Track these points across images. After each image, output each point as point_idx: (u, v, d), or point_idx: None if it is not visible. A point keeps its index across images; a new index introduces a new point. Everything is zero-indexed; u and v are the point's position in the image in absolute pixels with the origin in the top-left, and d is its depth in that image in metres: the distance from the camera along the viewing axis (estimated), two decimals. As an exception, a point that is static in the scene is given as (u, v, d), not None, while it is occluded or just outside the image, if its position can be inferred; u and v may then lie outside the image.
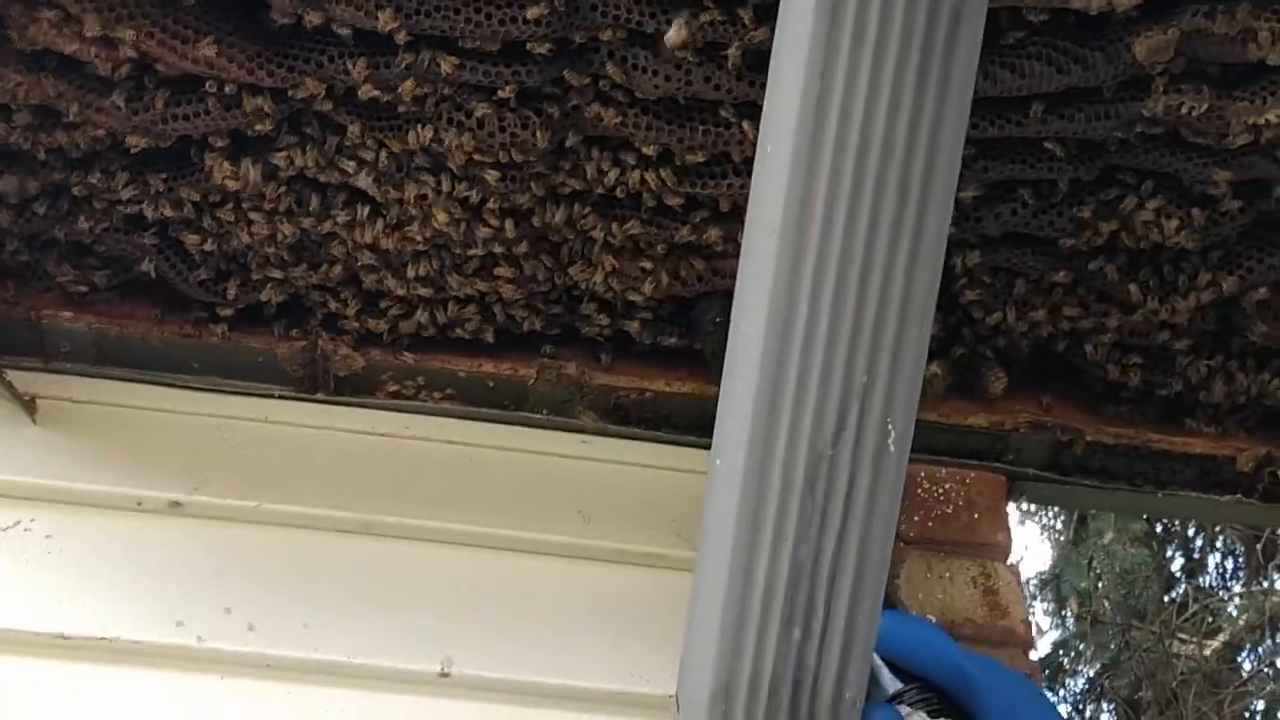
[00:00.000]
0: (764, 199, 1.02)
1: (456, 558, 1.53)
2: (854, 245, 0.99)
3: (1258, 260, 1.52)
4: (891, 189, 0.99)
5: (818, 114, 0.97)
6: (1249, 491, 1.73)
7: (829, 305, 1.00)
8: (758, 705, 1.08)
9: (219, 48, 1.34)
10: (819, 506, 1.05)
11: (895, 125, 0.98)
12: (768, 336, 1.02)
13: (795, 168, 0.99)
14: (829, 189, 0.99)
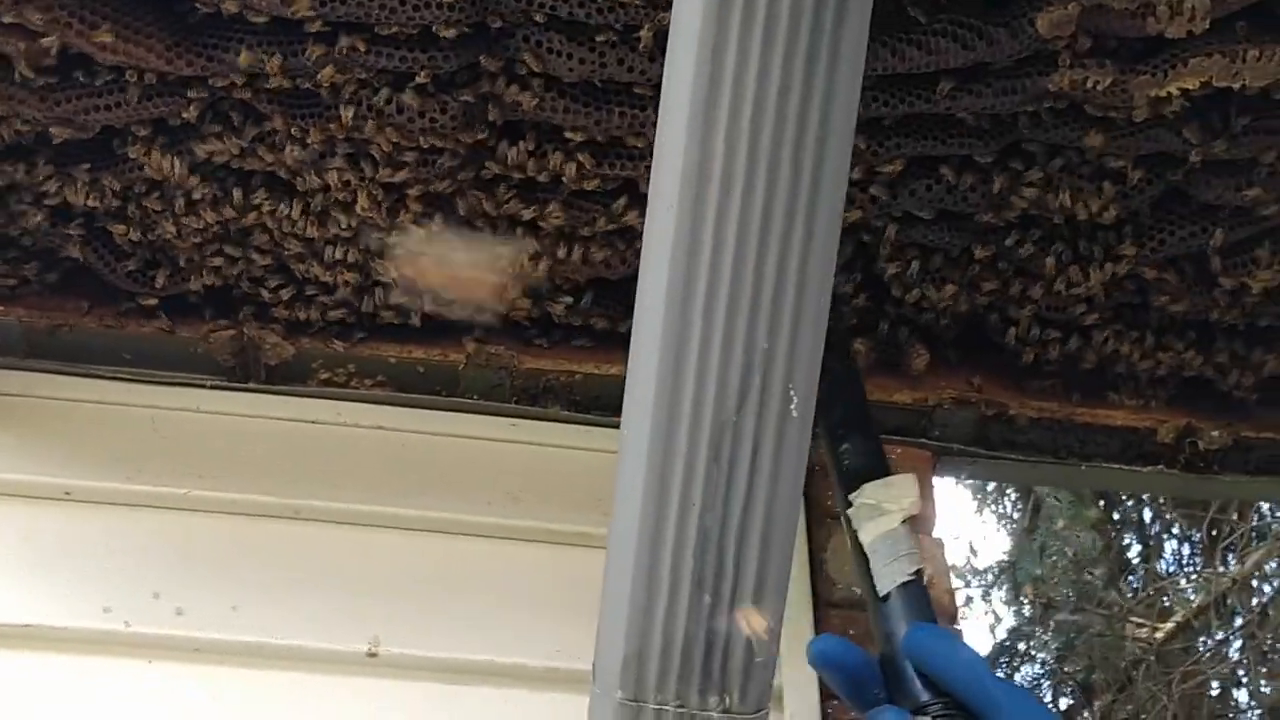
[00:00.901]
0: (663, 174, 1.04)
1: (386, 540, 1.54)
2: (751, 217, 1.02)
3: (1169, 233, 1.55)
4: (786, 162, 1.01)
5: (711, 90, 1.00)
6: (1171, 462, 1.76)
7: (728, 276, 1.03)
8: (670, 669, 1.10)
9: (119, 33, 1.35)
10: (724, 473, 1.07)
11: (787, 100, 1.00)
12: (669, 308, 1.04)
13: (691, 143, 1.01)
14: (725, 163, 1.01)
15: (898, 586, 1.21)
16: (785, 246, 1.03)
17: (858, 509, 1.29)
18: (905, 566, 1.22)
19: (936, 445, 1.73)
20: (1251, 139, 1.44)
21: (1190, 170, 1.50)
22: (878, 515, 1.28)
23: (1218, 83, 1.36)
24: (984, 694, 1.09)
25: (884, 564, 1.23)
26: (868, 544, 1.26)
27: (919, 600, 1.20)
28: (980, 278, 1.60)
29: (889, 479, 1.30)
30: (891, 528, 1.25)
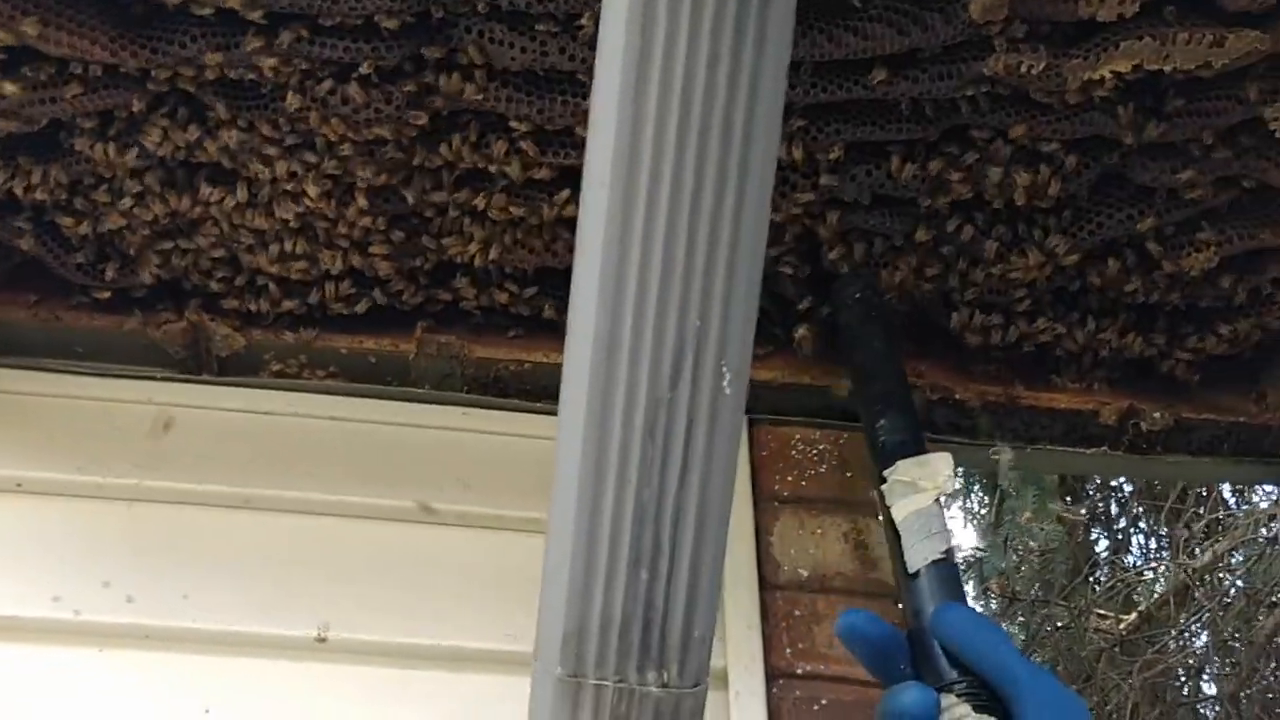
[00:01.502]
0: (595, 155, 1.06)
1: (336, 528, 1.55)
2: (681, 196, 1.04)
3: (1107, 216, 1.58)
4: (715, 141, 1.03)
5: (640, 70, 1.01)
6: (1114, 444, 1.78)
7: (660, 255, 1.05)
8: (609, 645, 1.12)
9: (54, 23, 1.36)
10: (659, 450, 1.09)
11: (715, 79, 1.02)
12: (602, 288, 1.06)
13: (621, 124, 1.03)
14: (655, 143, 1.03)
15: (928, 564, 1.24)
16: (716, 226, 1.05)
17: (891, 485, 1.32)
18: (936, 545, 1.25)
19: (883, 429, 1.74)
20: (1184, 121, 1.46)
21: (1126, 153, 1.52)
22: (911, 492, 1.30)
23: (1148, 66, 1.39)
24: (1007, 673, 1.12)
25: (915, 541, 1.26)
26: (900, 520, 1.29)
27: (948, 578, 1.24)
28: (922, 263, 1.62)
29: (923, 457, 1.33)
30: (924, 505, 1.28)
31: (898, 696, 1.12)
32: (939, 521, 1.28)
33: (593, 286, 1.06)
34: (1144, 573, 5.72)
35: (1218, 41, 1.37)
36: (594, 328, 1.07)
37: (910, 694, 1.12)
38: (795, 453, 1.71)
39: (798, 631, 1.53)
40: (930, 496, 1.29)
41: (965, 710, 1.13)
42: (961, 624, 1.17)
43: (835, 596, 1.57)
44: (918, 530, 1.27)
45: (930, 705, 1.12)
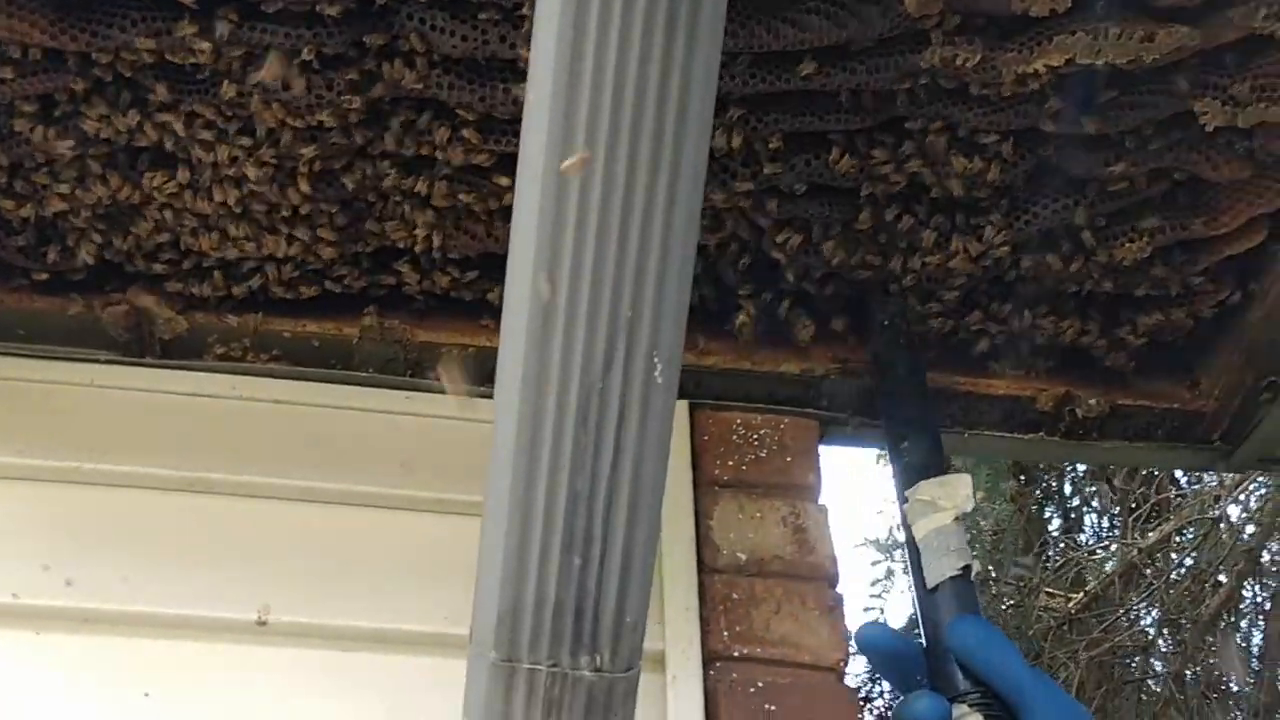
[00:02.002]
0: (529, 145, 1.07)
1: (278, 511, 1.56)
2: (614, 188, 1.05)
3: (1042, 206, 1.60)
4: (647, 135, 1.05)
5: (573, 61, 1.03)
6: (1051, 430, 1.81)
7: (592, 246, 1.06)
8: (542, 630, 1.14)
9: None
10: (592, 437, 1.11)
11: (647, 73, 1.03)
12: (535, 276, 1.07)
13: (554, 115, 1.04)
14: (587, 133, 1.04)
15: (946, 579, 1.32)
16: (648, 218, 1.06)
17: (913, 505, 1.40)
18: (954, 561, 1.33)
19: (824, 415, 1.76)
20: (1116, 115, 1.49)
21: (1061, 145, 1.55)
22: (931, 511, 1.38)
23: (1081, 60, 1.41)
24: (1015, 684, 1.18)
25: (934, 558, 1.34)
26: (920, 538, 1.37)
27: (964, 593, 1.31)
28: (862, 251, 1.64)
29: (944, 478, 1.41)
30: (944, 524, 1.36)
31: (911, 705, 1.19)
32: (958, 539, 1.36)
33: (525, 274, 1.08)
34: (1094, 552, 5.79)
35: (1148, 37, 1.40)
36: (527, 315, 1.08)
37: (923, 702, 1.19)
38: (737, 438, 1.73)
39: (735, 615, 1.55)
40: (950, 515, 1.36)
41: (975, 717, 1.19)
42: (974, 636, 1.23)
43: (773, 580, 1.59)
44: (937, 547, 1.34)
45: (942, 713, 1.19)
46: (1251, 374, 1.75)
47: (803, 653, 1.53)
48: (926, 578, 1.33)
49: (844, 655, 1.54)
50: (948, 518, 1.36)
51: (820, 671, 1.52)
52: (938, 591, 1.31)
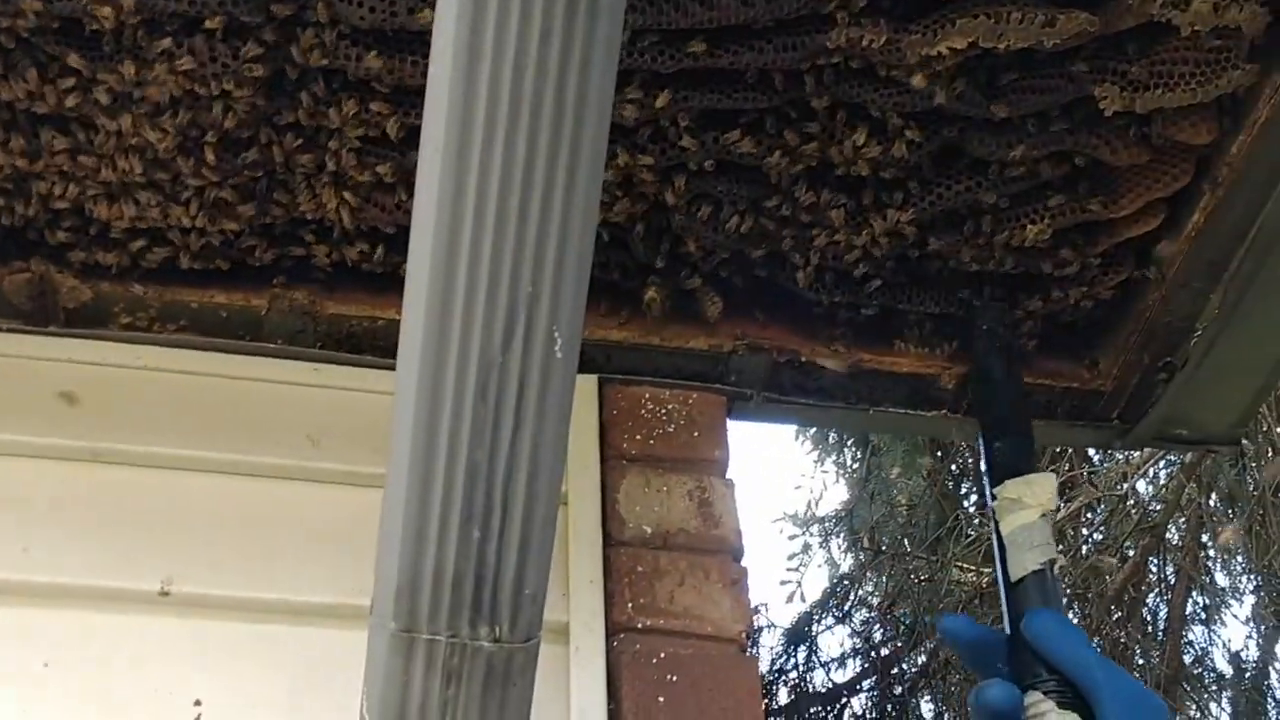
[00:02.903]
0: (432, 118, 1.07)
1: (185, 483, 1.56)
2: (514, 164, 1.06)
3: (946, 187, 1.63)
4: (547, 111, 1.05)
5: (474, 35, 1.03)
6: (954, 408, 1.84)
7: (492, 221, 1.07)
8: (441, 601, 1.15)
9: None
10: (492, 411, 1.11)
11: (548, 50, 1.04)
12: (435, 251, 1.08)
13: (455, 91, 1.04)
14: (487, 110, 1.04)
15: (1030, 573, 1.40)
16: (548, 194, 1.07)
17: (1001, 502, 1.48)
18: (1038, 556, 1.41)
19: (731, 390, 1.79)
20: (1017, 98, 1.51)
21: (964, 127, 1.57)
22: (1018, 509, 1.45)
23: (983, 43, 1.44)
24: (1088, 674, 1.25)
25: (1019, 553, 1.42)
26: (1006, 534, 1.45)
27: (1046, 587, 1.39)
28: (770, 228, 1.66)
29: (1030, 477, 1.49)
30: (1030, 521, 1.44)
31: (984, 691, 1.27)
32: (1043, 535, 1.43)
33: (426, 250, 1.08)
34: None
35: (1049, 22, 1.42)
36: (427, 291, 1.09)
37: (995, 689, 1.27)
38: (645, 412, 1.74)
39: (639, 587, 1.57)
40: (1036, 513, 1.44)
41: (1049, 707, 1.25)
42: (1051, 627, 1.31)
43: (678, 553, 1.61)
44: (1022, 543, 1.42)
45: (1013, 700, 1.26)
46: (1148, 355, 1.79)
47: (706, 624, 1.56)
48: (1010, 571, 1.41)
49: (746, 627, 1.56)
50: (1033, 515, 1.44)
51: (722, 643, 1.54)
52: (1021, 585, 1.39)
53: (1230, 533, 4.93)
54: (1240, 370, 1.82)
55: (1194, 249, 1.67)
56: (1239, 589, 5.77)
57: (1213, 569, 5.71)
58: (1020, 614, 1.36)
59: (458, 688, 1.17)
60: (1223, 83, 1.47)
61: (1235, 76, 1.47)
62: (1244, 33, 1.44)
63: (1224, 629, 5.96)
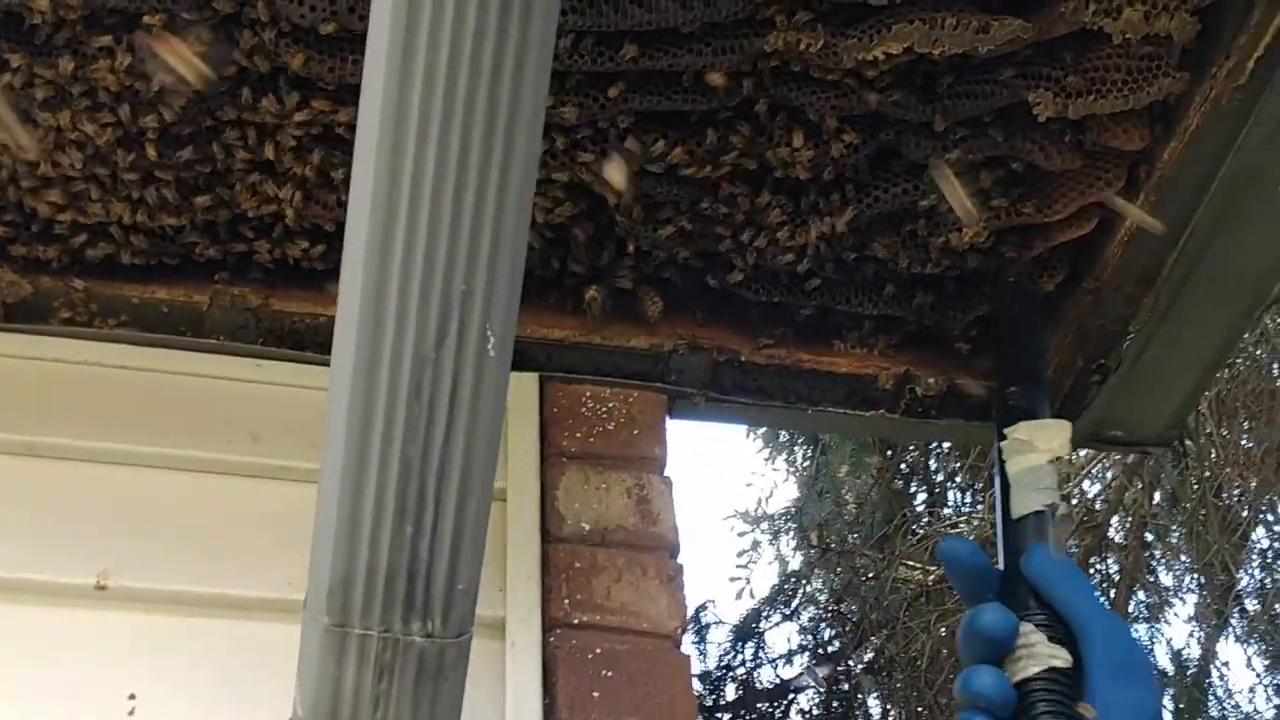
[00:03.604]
0: (365, 117, 1.08)
1: (121, 477, 1.55)
2: (447, 164, 1.07)
3: (883, 190, 1.65)
4: (481, 110, 1.06)
5: (408, 37, 1.04)
6: (891, 408, 1.87)
7: (426, 221, 1.08)
8: (374, 597, 1.16)
9: None
10: (425, 409, 1.13)
11: (481, 51, 1.05)
12: (369, 250, 1.09)
13: (389, 91, 1.05)
14: (421, 109, 1.05)
15: (1031, 513, 1.39)
16: (481, 195, 1.08)
17: (1010, 442, 1.47)
18: (1042, 498, 1.40)
19: (672, 389, 1.80)
20: (952, 103, 1.54)
21: (900, 131, 1.59)
22: (1027, 450, 1.44)
23: (919, 49, 1.46)
24: (1082, 614, 1.24)
25: (1024, 493, 1.41)
26: (1013, 474, 1.44)
27: (1046, 527, 1.38)
28: (708, 229, 1.67)
29: (1044, 421, 1.49)
30: (1037, 464, 1.43)
31: (981, 614, 1.25)
32: (1049, 479, 1.42)
33: (360, 248, 1.09)
34: (956, 525, 5.94)
35: (983, 28, 1.45)
36: (361, 289, 1.10)
37: (990, 613, 1.25)
38: (585, 410, 1.76)
39: (577, 583, 1.58)
40: (1044, 457, 1.43)
41: (1040, 638, 1.24)
42: (1050, 565, 1.30)
43: (615, 549, 1.62)
44: (1028, 484, 1.41)
45: (1009, 625, 1.24)
46: (1082, 357, 1.82)
47: (642, 620, 1.57)
48: (1013, 509, 1.40)
49: (681, 623, 1.58)
50: (1042, 459, 1.43)
51: (658, 639, 1.56)
52: (1022, 523, 1.38)
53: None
54: (1173, 373, 1.85)
55: (1127, 253, 1.69)
56: (1182, 588, 5.85)
57: (1156, 568, 5.79)
58: (1018, 550, 1.35)
59: (390, 682, 1.18)
60: (1154, 90, 1.50)
61: (1166, 84, 1.50)
62: (1175, 41, 1.47)
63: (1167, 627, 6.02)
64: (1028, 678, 1.22)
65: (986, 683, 1.20)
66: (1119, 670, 1.20)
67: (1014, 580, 1.33)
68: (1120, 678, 1.19)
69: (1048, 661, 1.22)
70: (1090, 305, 1.76)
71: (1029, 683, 1.21)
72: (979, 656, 1.24)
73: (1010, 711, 1.21)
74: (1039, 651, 1.23)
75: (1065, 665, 1.22)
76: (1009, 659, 1.24)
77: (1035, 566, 1.31)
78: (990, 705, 1.20)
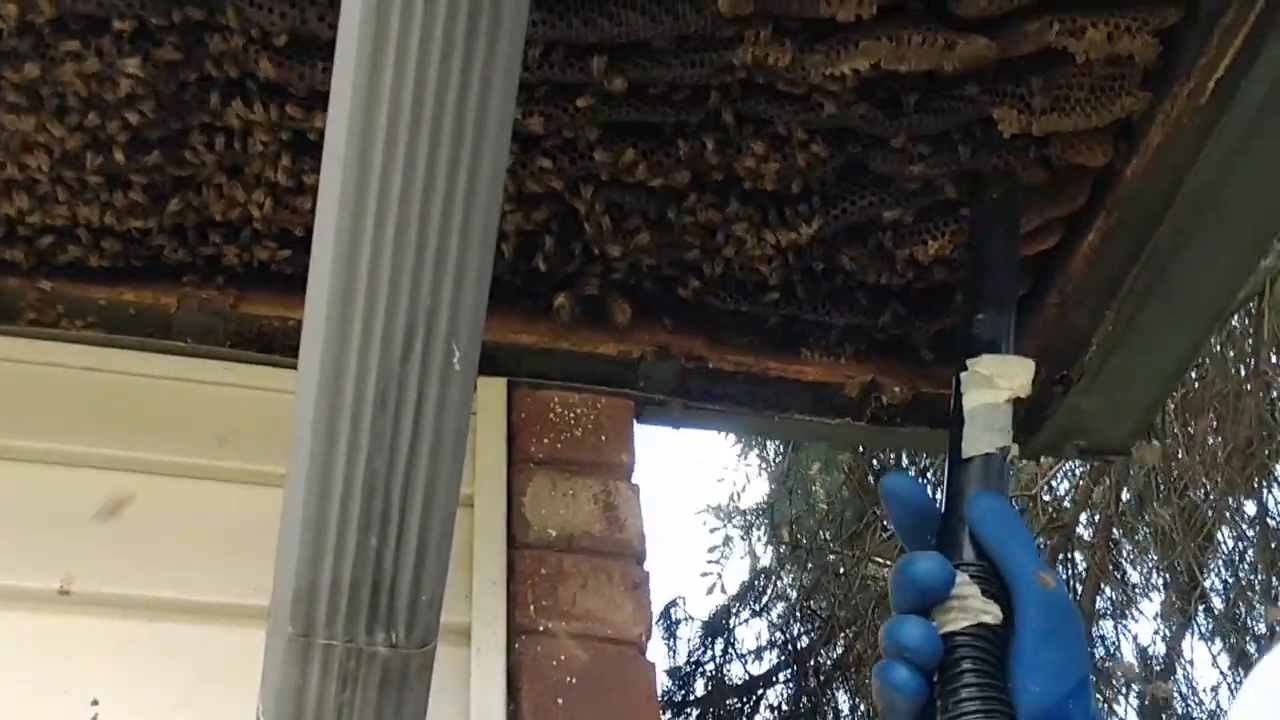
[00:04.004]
0: (333, 131, 1.09)
1: (85, 480, 1.56)
2: (414, 179, 1.08)
3: (850, 202, 1.66)
4: (448, 125, 1.07)
5: (375, 50, 1.05)
6: (857, 415, 1.88)
7: (392, 235, 1.09)
8: (338, 607, 1.17)
9: None
10: (390, 421, 1.13)
11: (449, 65, 1.06)
12: (335, 262, 1.09)
13: (356, 105, 1.06)
14: (389, 123, 1.06)
15: (982, 455, 1.31)
16: (448, 210, 1.09)
17: (970, 375, 1.39)
18: (995, 439, 1.32)
19: (640, 395, 1.81)
20: (919, 119, 1.55)
21: (868, 145, 1.61)
22: (986, 386, 1.36)
23: (886, 65, 1.47)
24: (1018, 569, 1.18)
25: (977, 431, 1.33)
26: (968, 409, 1.36)
27: (996, 472, 1.30)
28: (677, 238, 1.69)
29: (1008, 357, 1.40)
30: (995, 401, 1.35)
31: (915, 561, 1.18)
32: (1004, 420, 1.34)
33: (326, 262, 1.10)
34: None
35: (949, 45, 1.46)
36: (327, 302, 1.10)
37: (926, 562, 1.18)
38: (553, 416, 1.77)
39: (542, 589, 1.59)
40: (1004, 395, 1.36)
41: (973, 591, 1.18)
42: (993, 513, 1.23)
43: (581, 556, 1.64)
44: (982, 422, 1.34)
45: (944, 575, 1.17)
46: (1046, 368, 1.83)
47: (607, 627, 1.58)
48: (964, 448, 1.32)
49: (646, 630, 1.59)
50: (1000, 396, 1.36)
51: (622, 646, 1.57)
52: (970, 463, 1.31)
53: (1148, 452, 4.85)
54: (1134, 384, 1.87)
55: (1090, 267, 1.71)
56: (1148, 585, 5.90)
57: (1124, 565, 5.84)
58: (961, 492, 1.28)
59: (354, 691, 1.19)
60: (1116, 108, 1.52)
61: (1128, 102, 1.52)
62: (1137, 61, 1.49)
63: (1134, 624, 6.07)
64: (955, 630, 1.16)
65: (915, 634, 1.15)
66: (1050, 633, 1.15)
67: (954, 525, 1.25)
68: (1050, 640, 1.15)
69: (978, 616, 1.17)
70: (1054, 317, 1.77)
71: (955, 635, 1.16)
72: (909, 605, 1.18)
73: (935, 664, 1.16)
74: (971, 605, 1.17)
75: (996, 622, 1.17)
76: (939, 608, 1.18)
77: (978, 514, 1.24)
78: (915, 657, 1.15)
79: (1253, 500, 5.49)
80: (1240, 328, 5.05)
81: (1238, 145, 1.54)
